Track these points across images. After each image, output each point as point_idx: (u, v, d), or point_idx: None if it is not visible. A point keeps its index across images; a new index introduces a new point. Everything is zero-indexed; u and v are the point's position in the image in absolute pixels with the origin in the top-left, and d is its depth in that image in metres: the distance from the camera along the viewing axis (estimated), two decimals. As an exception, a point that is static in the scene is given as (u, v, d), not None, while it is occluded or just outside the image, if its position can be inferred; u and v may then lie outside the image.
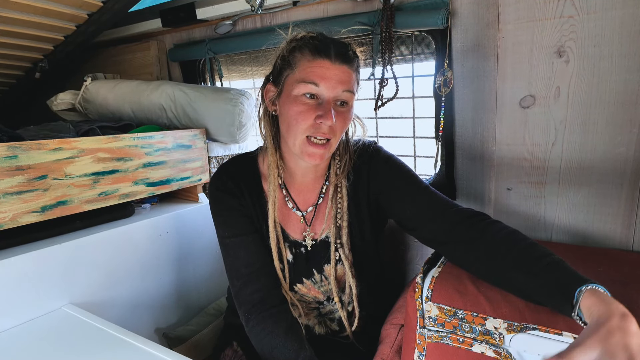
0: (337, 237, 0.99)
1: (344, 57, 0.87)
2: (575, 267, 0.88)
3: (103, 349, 0.88)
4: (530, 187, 1.13)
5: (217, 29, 1.57)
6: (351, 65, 0.89)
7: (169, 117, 1.52)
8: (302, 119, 0.86)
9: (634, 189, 1.00)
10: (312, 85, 0.85)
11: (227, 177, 1.00)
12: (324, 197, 1.02)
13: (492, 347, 0.77)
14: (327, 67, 0.86)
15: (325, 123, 0.85)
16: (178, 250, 1.38)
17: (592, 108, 1.01)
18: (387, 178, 0.97)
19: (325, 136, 0.87)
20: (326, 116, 0.85)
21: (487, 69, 1.12)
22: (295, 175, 1.01)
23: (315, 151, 0.88)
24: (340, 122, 0.88)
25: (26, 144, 0.98)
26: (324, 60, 0.86)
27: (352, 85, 0.89)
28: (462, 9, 1.12)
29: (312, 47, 0.87)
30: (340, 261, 1.00)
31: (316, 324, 1.10)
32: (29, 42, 1.55)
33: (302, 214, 1.02)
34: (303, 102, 0.87)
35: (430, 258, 0.95)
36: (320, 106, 0.86)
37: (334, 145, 0.91)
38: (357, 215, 1.01)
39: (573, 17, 0.98)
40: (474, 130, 1.18)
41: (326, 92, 0.86)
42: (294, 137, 0.89)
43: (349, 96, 0.89)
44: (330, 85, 0.86)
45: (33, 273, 1.01)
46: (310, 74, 0.86)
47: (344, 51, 0.88)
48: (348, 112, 0.90)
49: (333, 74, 0.86)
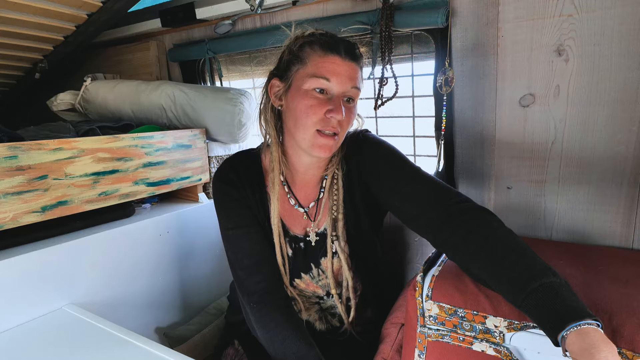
0: (333, 229, 1.00)
1: (353, 55, 0.91)
2: (575, 265, 0.89)
3: (104, 349, 0.88)
4: (530, 185, 1.13)
5: (216, 29, 1.57)
6: (358, 63, 0.92)
7: (168, 117, 1.52)
8: (313, 112, 0.88)
9: (633, 187, 1.00)
10: (324, 80, 0.87)
11: (230, 170, 1.02)
12: (324, 192, 1.03)
13: (493, 346, 0.77)
14: (337, 63, 0.88)
15: (335, 117, 0.87)
16: (178, 250, 1.38)
17: (592, 106, 1.01)
18: (376, 164, 0.97)
19: (333, 130, 0.89)
20: (337, 110, 0.87)
21: (486, 67, 1.12)
22: (297, 172, 1.02)
23: (326, 142, 0.90)
24: (347, 117, 0.90)
25: (26, 144, 0.99)
26: (335, 57, 0.88)
27: (359, 82, 0.92)
28: (461, 7, 1.12)
29: (324, 43, 0.90)
30: (336, 254, 1.01)
31: (317, 320, 1.10)
32: (28, 42, 1.55)
33: (304, 210, 1.03)
34: (314, 97, 0.88)
35: (430, 257, 0.95)
36: (330, 101, 0.89)
37: (341, 140, 0.93)
38: (353, 207, 1.01)
39: (572, 16, 0.98)
40: (474, 129, 1.18)
41: (336, 87, 0.88)
42: (304, 130, 0.90)
43: (356, 93, 0.92)
44: (341, 80, 0.88)
45: (34, 273, 1.01)
46: (321, 69, 0.88)
47: (353, 49, 0.92)
48: (354, 109, 0.94)
49: (343, 70, 0.88)
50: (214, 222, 1.49)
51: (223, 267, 1.53)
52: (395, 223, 1.12)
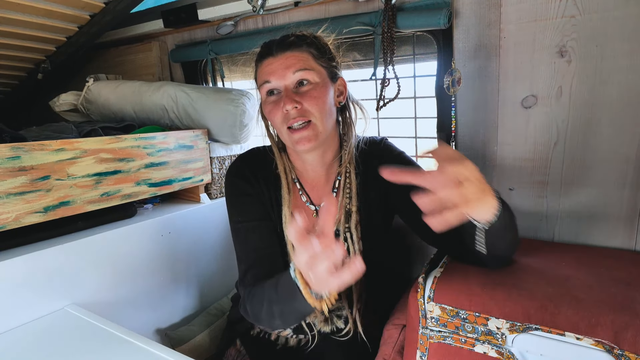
0: (346, 222, 1.00)
1: (285, 45, 0.93)
2: (577, 267, 0.89)
3: (105, 349, 0.88)
4: (532, 187, 1.13)
5: (218, 30, 1.57)
6: (297, 47, 0.93)
7: (170, 118, 1.52)
8: (274, 115, 0.93)
9: (636, 189, 1.00)
10: (266, 83, 0.94)
11: (244, 164, 1.04)
12: (337, 192, 1.04)
13: (495, 348, 0.77)
14: (271, 62, 0.93)
15: (286, 107, 0.89)
16: (180, 250, 1.38)
17: (594, 108, 1.01)
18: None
19: (299, 120, 0.90)
20: (285, 102, 0.90)
21: (488, 69, 1.12)
22: (305, 171, 1.04)
23: (299, 136, 0.91)
24: (308, 100, 0.91)
25: (29, 145, 0.99)
26: (268, 58, 0.94)
27: (303, 64, 0.92)
28: (463, 9, 1.12)
29: (260, 55, 0.97)
30: (348, 254, 1.01)
31: (322, 322, 1.10)
32: (31, 43, 1.55)
33: (315, 208, 1.04)
34: (270, 101, 0.94)
35: (432, 258, 0.95)
36: (282, 97, 0.92)
37: (320, 125, 0.92)
38: (366, 204, 1.02)
39: (575, 17, 0.98)
40: (476, 130, 1.18)
41: (279, 83, 0.92)
42: (280, 133, 0.96)
43: (305, 74, 0.92)
44: (278, 74, 0.92)
45: (36, 273, 1.01)
46: (262, 75, 0.95)
47: (285, 39, 0.94)
48: (314, 89, 0.92)
49: (278, 65, 0.92)
50: (215, 223, 1.50)
51: (225, 267, 1.54)
52: (397, 224, 1.11)
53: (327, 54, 0.97)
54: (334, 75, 0.98)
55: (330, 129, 0.96)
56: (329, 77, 0.96)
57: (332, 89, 0.96)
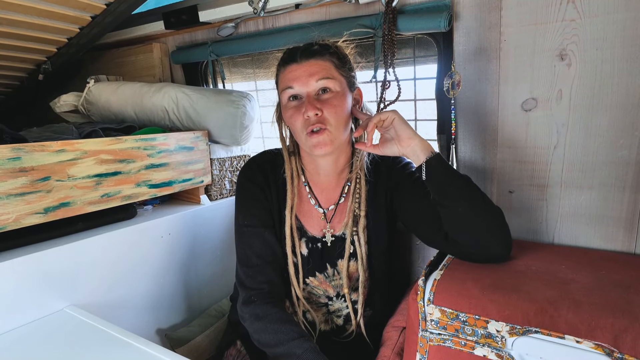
0: (354, 225, 1.03)
1: (309, 53, 0.96)
2: (577, 270, 0.89)
3: (105, 351, 0.88)
4: (532, 190, 1.13)
5: (219, 32, 1.58)
6: (320, 56, 0.96)
7: (171, 119, 1.52)
8: (295, 119, 0.95)
9: (636, 192, 1.00)
10: (289, 89, 0.96)
11: (256, 167, 1.07)
12: (346, 197, 1.06)
13: (494, 350, 0.77)
14: (295, 69, 0.96)
15: (307, 113, 0.92)
16: (180, 251, 1.38)
17: (594, 111, 1.01)
18: (404, 179, 1.03)
19: (317, 125, 0.93)
20: (306, 108, 0.93)
21: (489, 71, 1.12)
22: (317, 175, 1.06)
23: (317, 140, 0.94)
24: (328, 108, 0.93)
25: (29, 146, 0.99)
26: (292, 65, 0.96)
27: (326, 73, 0.94)
28: (464, 12, 1.12)
29: (283, 60, 0.99)
30: (354, 256, 1.04)
31: (322, 322, 1.11)
32: (32, 44, 1.55)
33: (323, 211, 1.06)
34: (291, 106, 0.97)
35: (432, 261, 0.95)
36: (304, 103, 0.94)
37: (336, 132, 0.95)
38: (374, 211, 1.05)
39: (575, 21, 0.98)
40: (476, 133, 1.18)
41: (302, 89, 0.95)
42: (298, 137, 0.98)
43: (327, 82, 0.94)
44: (302, 81, 0.94)
45: (35, 274, 1.01)
46: (285, 81, 0.97)
47: (309, 47, 0.97)
48: (335, 98, 0.95)
49: (302, 72, 0.95)
50: (215, 224, 1.50)
51: (225, 269, 1.54)
52: (398, 226, 1.12)
53: (347, 64, 1.00)
54: (352, 85, 1.01)
55: (345, 137, 0.99)
56: (348, 87, 0.98)
57: (350, 98, 0.99)
